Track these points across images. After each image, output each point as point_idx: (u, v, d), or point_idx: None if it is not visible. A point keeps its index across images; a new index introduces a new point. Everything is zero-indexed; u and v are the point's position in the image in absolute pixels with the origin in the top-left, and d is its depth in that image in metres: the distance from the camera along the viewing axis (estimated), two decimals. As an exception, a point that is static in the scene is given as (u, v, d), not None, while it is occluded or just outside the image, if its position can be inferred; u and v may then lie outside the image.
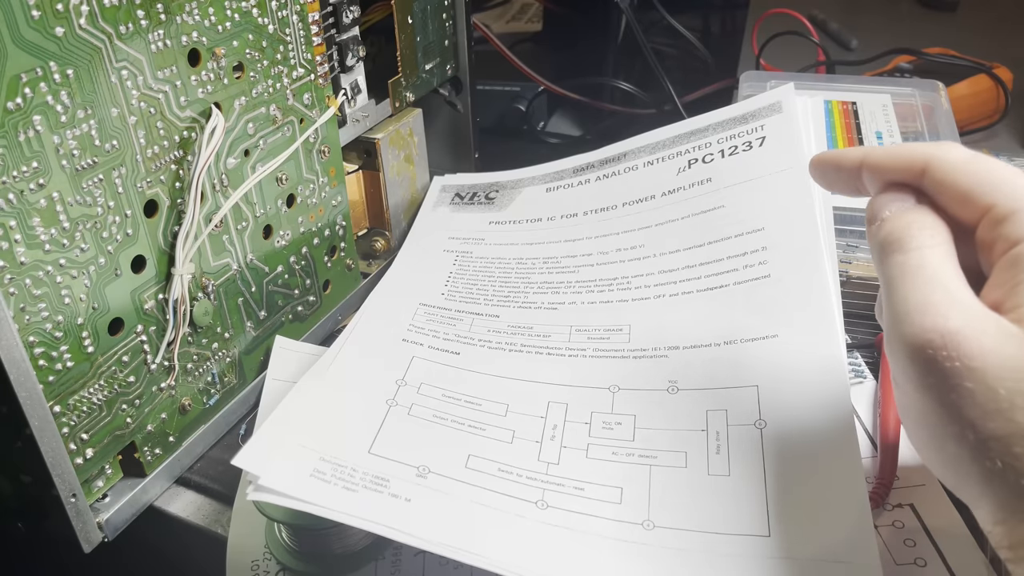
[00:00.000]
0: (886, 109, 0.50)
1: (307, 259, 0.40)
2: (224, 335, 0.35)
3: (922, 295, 0.21)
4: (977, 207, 0.23)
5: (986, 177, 0.23)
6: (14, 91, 0.24)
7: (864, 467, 0.28)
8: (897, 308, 0.22)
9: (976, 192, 0.23)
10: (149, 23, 0.28)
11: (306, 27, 0.36)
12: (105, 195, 0.28)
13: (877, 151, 0.26)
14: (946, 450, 0.21)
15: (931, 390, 0.21)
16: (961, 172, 0.23)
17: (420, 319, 0.40)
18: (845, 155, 0.26)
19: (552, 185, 0.47)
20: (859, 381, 0.36)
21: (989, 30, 0.78)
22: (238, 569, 0.31)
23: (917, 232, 0.23)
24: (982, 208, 0.22)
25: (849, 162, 0.26)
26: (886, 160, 0.25)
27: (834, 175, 0.27)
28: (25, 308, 0.26)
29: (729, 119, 0.42)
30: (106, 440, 0.30)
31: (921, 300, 0.21)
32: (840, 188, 0.27)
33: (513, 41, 0.76)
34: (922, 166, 0.24)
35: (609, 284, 0.39)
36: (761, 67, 0.67)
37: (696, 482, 0.29)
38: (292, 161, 0.37)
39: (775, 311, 0.33)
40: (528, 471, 0.30)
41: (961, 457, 0.21)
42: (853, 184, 0.26)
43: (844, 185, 0.27)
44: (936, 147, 0.24)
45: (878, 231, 0.24)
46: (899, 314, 0.22)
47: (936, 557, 0.28)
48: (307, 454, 0.30)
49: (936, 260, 0.22)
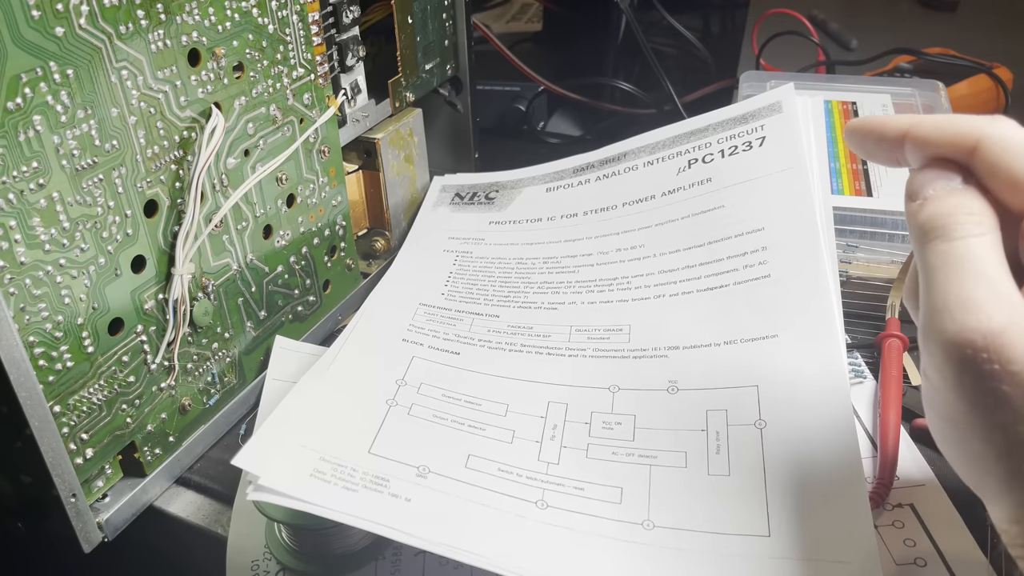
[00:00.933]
0: (886, 109, 0.50)
1: (307, 259, 0.40)
2: (224, 335, 0.35)
3: (965, 289, 0.20)
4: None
5: None
6: (14, 91, 0.24)
7: (864, 467, 0.28)
8: (936, 301, 0.21)
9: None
10: (149, 23, 0.28)
11: (306, 27, 0.36)
12: (105, 195, 0.28)
13: (926, 121, 0.23)
14: (970, 447, 0.21)
15: (964, 389, 0.20)
16: (1013, 155, 0.21)
17: (420, 319, 0.40)
18: (888, 123, 0.24)
19: (552, 185, 0.47)
20: (859, 381, 0.36)
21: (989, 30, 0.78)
22: (238, 569, 0.31)
23: (964, 218, 0.21)
24: None
25: (893, 132, 0.24)
26: (935, 133, 0.23)
27: (873, 144, 0.25)
28: (25, 308, 0.26)
29: (729, 119, 0.42)
30: (106, 440, 0.30)
31: (964, 295, 0.20)
32: (879, 158, 0.25)
33: (513, 41, 0.76)
34: (974, 143, 0.22)
35: (609, 284, 0.39)
36: (761, 67, 0.67)
37: (696, 482, 0.29)
38: (292, 161, 0.37)
39: (775, 311, 0.33)
40: (528, 471, 0.30)
41: (986, 456, 0.20)
42: (894, 155, 0.25)
43: (884, 155, 0.25)
44: (991, 123, 0.22)
45: (919, 211, 0.22)
46: (938, 307, 0.20)
47: (936, 557, 0.28)
48: (307, 454, 0.30)
49: (982, 251, 0.21)
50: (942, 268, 0.21)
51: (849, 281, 0.40)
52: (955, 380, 0.20)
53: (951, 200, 0.22)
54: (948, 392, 0.20)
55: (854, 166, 0.45)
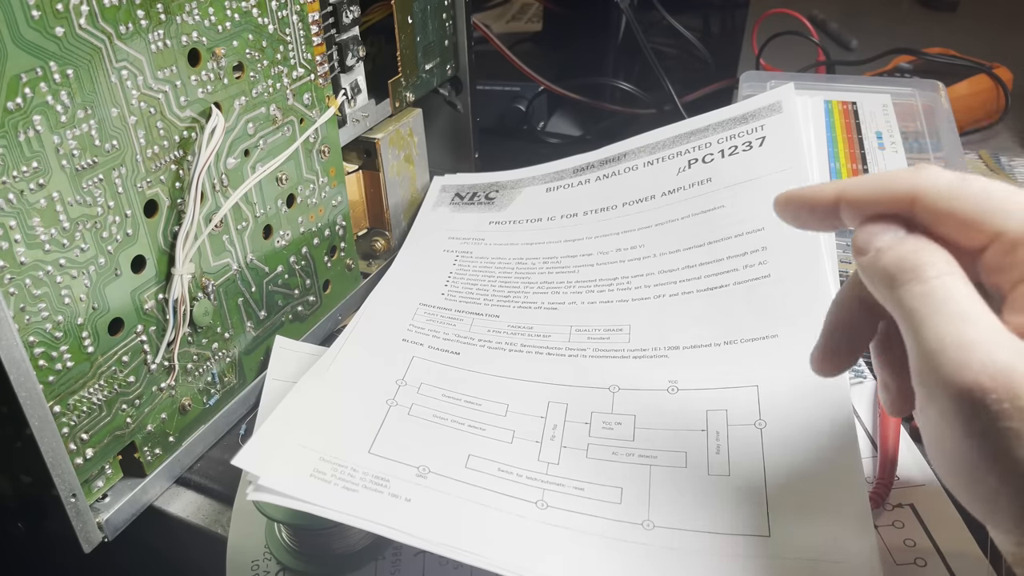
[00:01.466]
0: (886, 109, 0.50)
1: (307, 259, 0.40)
2: (224, 335, 0.35)
3: (959, 331, 0.20)
4: (984, 233, 0.22)
5: (988, 202, 0.22)
6: (14, 91, 0.24)
7: (864, 467, 0.28)
8: (931, 346, 0.20)
9: (981, 219, 0.21)
10: (149, 23, 0.28)
11: (306, 27, 0.36)
12: (105, 195, 0.28)
13: (855, 185, 0.24)
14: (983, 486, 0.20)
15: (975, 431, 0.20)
16: (958, 199, 0.22)
17: (420, 319, 0.40)
18: (818, 193, 0.25)
19: (552, 185, 0.47)
20: (859, 381, 0.36)
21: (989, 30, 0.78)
22: (238, 569, 0.31)
23: (930, 257, 0.22)
24: (990, 235, 0.21)
25: (824, 200, 0.24)
26: (868, 194, 0.24)
27: (807, 215, 0.25)
28: (25, 308, 0.26)
29: (729, 119, 0.42)
30: (106, 440, 0.30)
31: (960, 337, 0.20)
32: (814, 226, 0.26)
33: (513, 41, 0.76)
34: (910, 197, 0.23)
35: (609, 284, 0.39)
36: (761, 67, 0.67)
37: (696, 482, 0.29)
38: (292, 161, 0.37)
39: (775, 311, 0.33)
40: (528, 471, 0.30)
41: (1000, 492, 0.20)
42: (829, 221, 0.25)
43: (818, 223, 0.25)
44: (917, 175, 0.23)
45: (877, 260, 0.23)
46: (934, 353, 0.20)
47: (936, 557, 0.28)
48: (307, 454, 0.30)
49: (961, 290, 0.21)
50: (927, 312, 0.21)
51: (849, 281, 0.40)
52: (965, 424, 0.20)
53: (908, 245, 0.22)
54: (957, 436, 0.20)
55: (854, 166, 0.45)
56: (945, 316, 0.20)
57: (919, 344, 0.21)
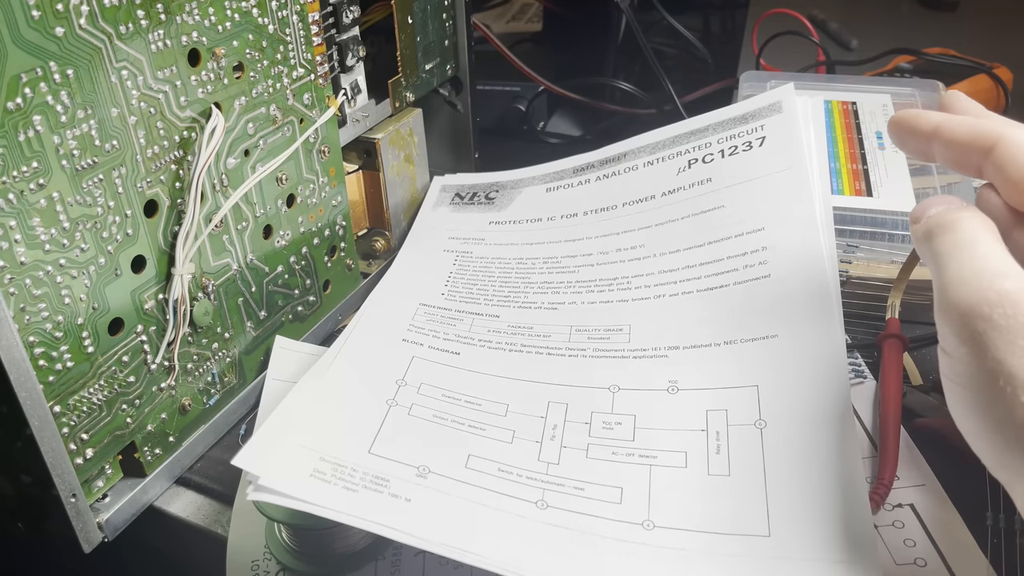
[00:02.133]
0: (886, 109, 0.50)
1: (307, 259, 0.40)
2: (224, 335, 0.35)
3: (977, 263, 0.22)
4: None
5: None
6: (14, 91, 0.24)
7: (864, 467, 0.28)
8: (949, 277, 0.22)
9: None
10: (149, 23, 0.28)
11: (306, 27, 0.36)
12: (105, 195, 0.28)
13: (953, 120, 0.25)
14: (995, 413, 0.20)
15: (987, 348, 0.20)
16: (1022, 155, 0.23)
17: (420, 319, 0.40)
18: (920, 120, 0.26)
19: (552, 185, 0.47)
20: (859, 381, 0.36)
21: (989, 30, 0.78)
22: (238, 569, 0.31)
23: (969, 217, 0.23)
24: None
25: (924, 130, 0.26)
26: (960, 131, 0.25)
27: (909, 138, 0.27)
28: (25, 308, 0.26)
29: (729, 119, 0.42)
30: (106, 440, 0.30)
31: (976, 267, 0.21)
32: (913, 151, 0.27)
33: (513, 41, 0.76)
34: (993, 142, 0.24)
35: (609, 284, 0.39)
36: (761, 67, 0.67)
37: (696, 482, 0.29)
38: (292, 161, 0.37)
39: (775, 311, 0.33)
40: (528, 471, 0.30)
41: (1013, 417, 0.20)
42: (925, 150, 0.26)
43: (917, 150, 0.27)
44: (1012, 126, 0.24)
45: (925, 224, 0.24)
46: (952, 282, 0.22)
47: (936, 557, 0.28)
48: (307, 454, 0.30)
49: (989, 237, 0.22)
50: (952, 251, 0.23)
51: (849, 281, 0.40)
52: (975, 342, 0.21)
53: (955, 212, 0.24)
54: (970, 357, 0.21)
55: (854, 166, 0.45)
56: (969, 253, 0.22)
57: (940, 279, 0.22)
